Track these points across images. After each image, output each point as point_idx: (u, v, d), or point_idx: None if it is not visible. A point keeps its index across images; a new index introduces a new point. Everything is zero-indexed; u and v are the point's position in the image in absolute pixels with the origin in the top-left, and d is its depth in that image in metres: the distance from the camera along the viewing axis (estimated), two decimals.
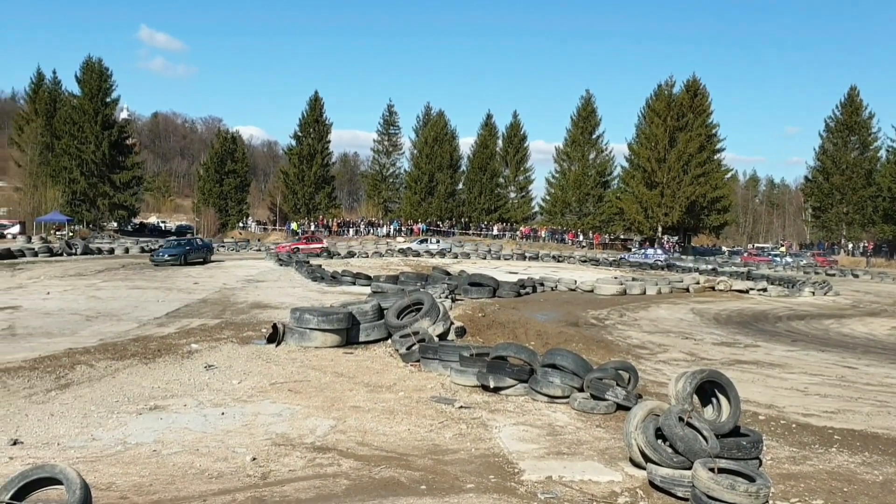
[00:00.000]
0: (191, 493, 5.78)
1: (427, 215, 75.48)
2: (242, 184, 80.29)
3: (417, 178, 78.15)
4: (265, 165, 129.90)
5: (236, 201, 78.58)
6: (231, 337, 13.58)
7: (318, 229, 71.03)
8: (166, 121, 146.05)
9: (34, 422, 7.74)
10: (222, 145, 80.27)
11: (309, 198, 77.62)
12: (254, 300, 20.63)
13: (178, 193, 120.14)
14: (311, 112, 78.83)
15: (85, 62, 70.22)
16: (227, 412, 8.33)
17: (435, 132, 78.61)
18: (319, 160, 78.35)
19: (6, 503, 4.48)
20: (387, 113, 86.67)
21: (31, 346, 12.33)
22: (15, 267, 31.55)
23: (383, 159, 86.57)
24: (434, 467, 6.64)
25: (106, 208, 70.47)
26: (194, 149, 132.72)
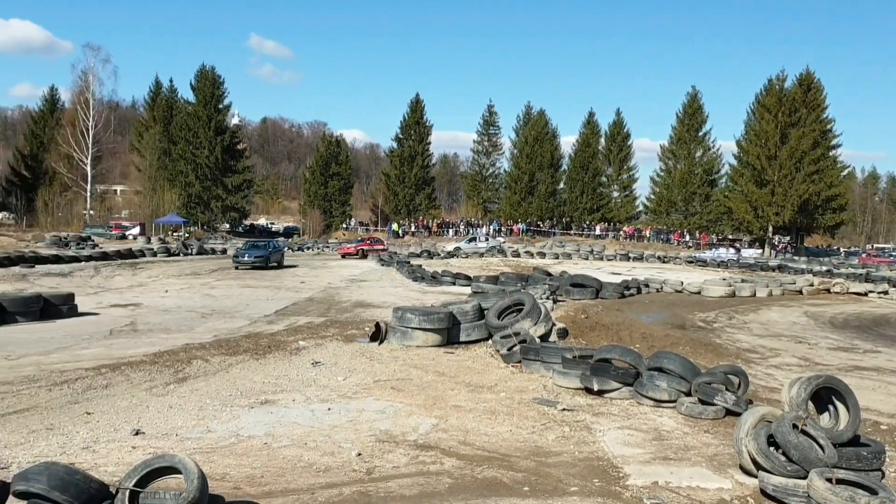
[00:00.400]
0: (300, 486, 5.96)
1: (527, 215, 75.09)
2: (346, 186, 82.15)
3: (517, 178, 77.86)
4: (367, 168, 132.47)
5: (340, 203, 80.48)
6: (336, 335, 13.93)
7: (418, 230, 71.90)
8: (274, 125, 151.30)
9: (154, 413, 8.17)
10: (327, 149, 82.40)
11: (409, 199, 78.63)
12: (357, 299, 21.09)
13: (286, 196, 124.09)
14: (412, 114, 79.86)
15: (199, 70, 73.67)
16: (333, 408, 8.54)
17: (535, 131, 78.11)
18: (420, 161, 79.25)
19: (130, 490, 4.75)
20: (487, 113, 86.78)
21: (151, 342, 13.03)
22: (136, 266, 33.42)
23: (483, 159, 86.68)
24: (537, 469, 6.60)
25: (219, 210, 73.64)
26: (300, 152, 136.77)
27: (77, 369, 10.39)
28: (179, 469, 4.84)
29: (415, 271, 29.72)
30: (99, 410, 8.20)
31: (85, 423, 7.68)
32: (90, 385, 9.46)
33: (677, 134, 73.61)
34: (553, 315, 14.79)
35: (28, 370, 10.36)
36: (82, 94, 70.00)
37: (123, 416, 7.97)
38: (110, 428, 7.53)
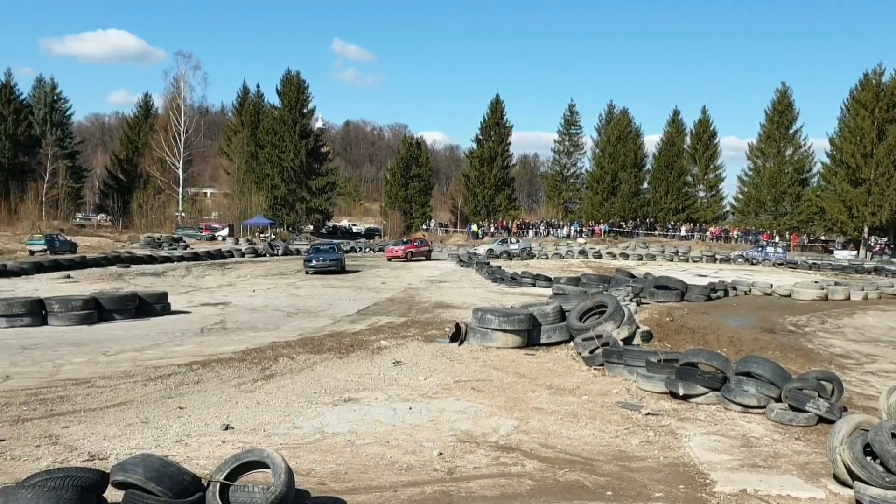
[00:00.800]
0: (382, 483, 6.04)
1: (609, 216, 74.01)
2: (426, 187, 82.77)
3: (599, 178, 76.85)
4: (447, 169, 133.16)
5: (420, 204, 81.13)
6: (416, 335, 14.05)
7: (497, 231, 71.79)
8: (356, 128, 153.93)
9: (243, 409, 8.42)
10: (407, 151, 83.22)
11: (489, 200, 78.62)
12: (437, 300, 21.22)
13: (367, 197, 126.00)
14: (492, 115, 79.84)
15: (284, 76, 75.62)
16: (415, 407, 8.61)
17: (618, 130, 76.94)
18: (500, 162, 79.14)
19: (221, 483, 4.90)
20: (568, 113, 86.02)
21: (239, 340, 13.45)
22: (225, 266, 34.56)
23: (564, 159, 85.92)
24: (620, 474, 6.49)
25: (303, 212, 75.40)
26: (382, 155, 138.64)
27: (170, 365, 10.81)
28: (268, 464, 4.97)
29: (494, 272, 29.70)
30: (191, 405, 8.51)
31: (178, 418, 7.98)
32: (183, 381, 9.83)
33: (766, 132, 71.18)
34: (637, 318, 14.51)
35: (124, 366, 10.85)
36: (174, 100, 72.96)
37: (214, 412, 8.25)
38: (201, 422, 7.80)
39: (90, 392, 9.12)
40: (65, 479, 4.79)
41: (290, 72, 75.62)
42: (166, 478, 4.75)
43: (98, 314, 15.59)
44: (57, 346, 12.60)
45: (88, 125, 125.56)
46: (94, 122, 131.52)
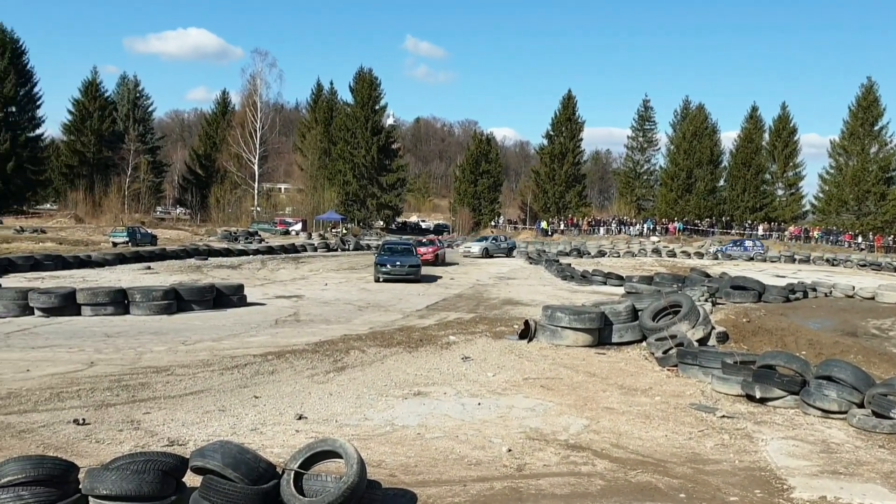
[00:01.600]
0: (452, 478, 6.05)
1: (684, 214, 72.42)
2: (495, 184, 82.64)
3: (674, 175, 75.28)
4: (517, 165, 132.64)
5: (489, 201, 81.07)
6: (485, 331, 14.04)
7: (567, 228, 71.12)
8: (427, 125, 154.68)
9: (316, 399, 8.58)
10: (477, 147, 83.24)
11: (559, 196, 77.98)
12: (505, 296, 21.16)
13: (436, 194, 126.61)
14: (564, 111, 79.13)
15: (357, 73, 76.74)
16: (483, 403, 8.61)
17: (694, 126, 75.20)
18: (571, 158, 78.40)
19: (295, 471, 5.00)
20: (642, 108, 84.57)
21: (312, 332, 13.69)
22: (298, 260, 35.24)
23: (637, 156, 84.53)
24: (694, 476, 6.35)
25: (374, 208, 76.32)
26: (451, 151, 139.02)
27: (246, 355, 11.09)
28: (341, 454, 5.04)
29: (564, 270, 29.43)
30: (266, 395, 8.72)
31: (253, 406, 8.18)
32: (258, 371, 10.07)
33: (850, 129, 68.47)
34: (712, 318, 14.16)
35: (202, 355, 11.18)
36: (251, 97, 74.67)
37: (288, 401, 8.42)
38: (276, 412, 7.98)
39: (170, 380, 9.43)
40: (147, 463, 4.97)
41: (363, 69, 76.76)
42: (243, 464, 4.87)
43: (177, 304, 16.09)
44: (139, 335, 13.07)
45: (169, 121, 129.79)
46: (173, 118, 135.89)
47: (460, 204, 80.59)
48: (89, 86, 76.08)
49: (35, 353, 11.30)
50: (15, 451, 6.24)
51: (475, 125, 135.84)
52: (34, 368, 10.01)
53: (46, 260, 26.68)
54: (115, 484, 4.84)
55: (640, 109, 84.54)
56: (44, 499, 4.79)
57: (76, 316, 15.10)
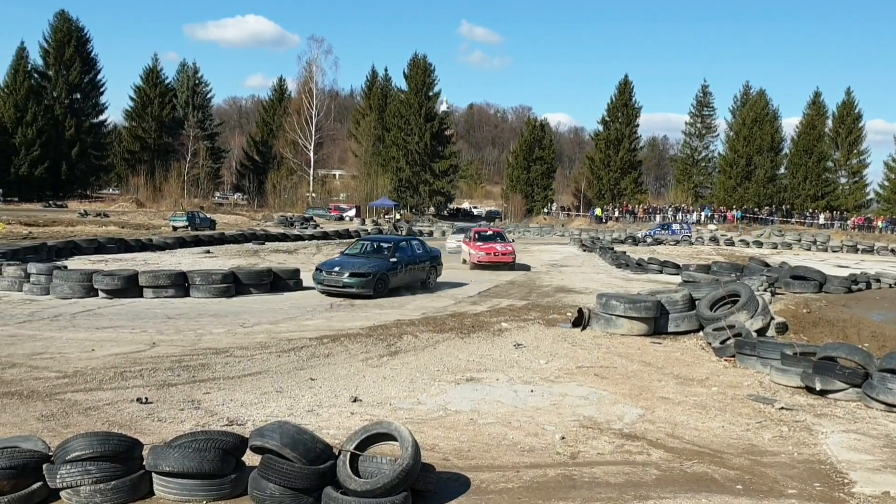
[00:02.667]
0: (504, 463, 6.07)
1: (742, 202, 70.88)
2: (548, 170, 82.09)
3: (733, 162, 73.68)
4: (571, 152, 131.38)
5: (542, 187, 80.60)
6: (538, 318, 13.98)
7: (621, 215, 70.26)
8: (480, 111, 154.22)
9: (370, 383, 8.67)
10: (531, 133, 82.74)
11: (614, 183, 77.09)
12: (558, 284, 21.03)
13: (488, 180, 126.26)
14: (620, 96, 78.06)
15: (411, 59, 76.90)
16: (536, 390, 8.59)
17: (754, 113, 73.41)
18: (626, 145, 77.37)
19: (352, 452, 5.07)
20: (700, 94, 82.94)
21: (366, 316, 13.84)
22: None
23: (695, 142, 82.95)
24: (751, 468, 6.24)
25: (426, 194, 76.59)
26: (504, 137, 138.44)
27: (302, 338, 11.27)
28: (395, 436, 5.09)
29: (618, 258, 29.10)
30: (321, 377, 8.85)
31: (309, 388, 8.31)
32: (314, 353, 10.23)
33: None
34: (771, 308, 13.84)
35: (260, 337, 11.40)
36: (307, 83, 75.51)
37: (343, 384, 8.54)
38: (331, 394, 8.10)
39: (229, 361, 9.65)
40: (208, 442, 5.11)
41: (417, 55, 76.90)
42: (301, 445, 4.96)
43: (236, 288, 16.42)
44: (198, 317, 13.39)
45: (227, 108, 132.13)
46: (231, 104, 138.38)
47: (513, 190, 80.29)
48: (150, 73, 77.92)
49: (99, 333, 11.67)
50: (81, 428, 6.47)
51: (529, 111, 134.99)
52: (99, 348, 10.34)
53: (109, 243, 27.48)
54: (178, 461, 4.99)
55: (699, 95, 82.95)
56: (109, 474, 4.97)
57: (138, 298, 15.53)
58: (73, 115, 72.47)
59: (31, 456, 5.04)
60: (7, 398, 7.63)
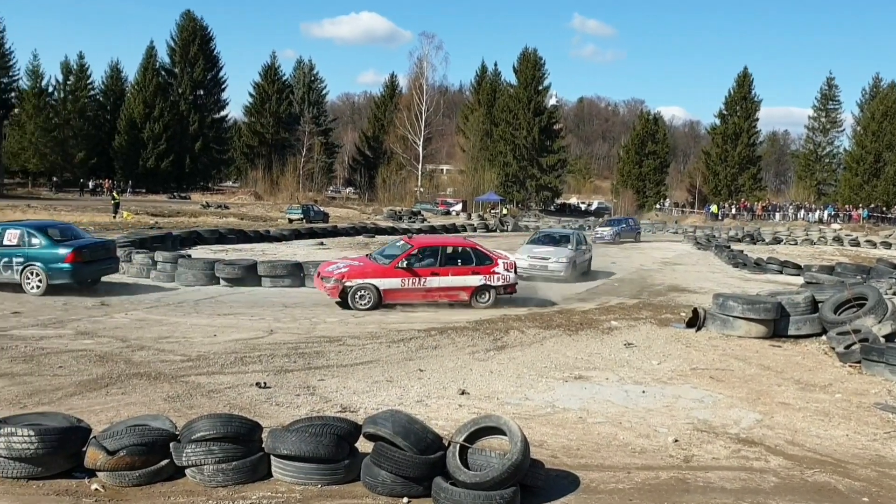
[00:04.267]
0: (615, 464, 5.97)
1: (870, 200, 66.74)
2: (661, 165, 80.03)
3: (860, 158, 69.48)
4: (685, 146, 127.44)
5: (654, 182, 78.65)
6: (649, 317, 13.66)
7: (739, 212, 67.63)
8: (590, 105, 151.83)
9: (477, 376, 8.73)
10: (643, 127, 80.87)
11: (731, 179, 74.29)
12: (671, 283, 20.47)
13: (598, 175, 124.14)
14: (739, 89, 75.09)
15: (521, 53, 76.52)
16: (648, 391, 8.40)
17: (884, 106, 68.89)
18: (745, 139, 74.38)
19: (461, 444, 5.12)
20: (825, 87, 78.54)
21: (472, 310, 13.91)
22: None
23: (819, 137, 78.75)
24: (878, 480, 5.89)
25: (533, 189, 76.13)
26: (615, 131, 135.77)
27: (410, 330, 11.47)
28: (504, 431, 5.10)
29: (735, 256, 28.00)
30: (429, 368, 8.98)
31: (418, 379, 8.45)
32: (422, 345, 10.39)
33: None
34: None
35: (371, 328, 11.68)
36: (417, 79, 76.47)
37: (450, 376, 8.63)
38: (439, 385, 8.20)
39: (341, 349, 9.94)
40: (323, 427, 5.28)
41: (528, 49, 76.42)
42: (412, 434, 5.06)
43: None
44: (313, 307, 13.84)
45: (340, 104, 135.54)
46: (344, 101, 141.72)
47: (623, 186, 78.69)
48: (268, 70, 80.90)
49: (221, 319, 12.26)
50: (205, 410, 6.82)
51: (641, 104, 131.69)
52: (220, 334, 10.87)
53: (230, 234, 28.81)
54: (295, 445, 5.18)
55: (824, 88, 78.60)
56: (231, 454, 5.22)
57: (257, 287, 16.20)
58: (197, 111, 76.12)
59: (160, 434, 5.35)
60: (136, 379, 8.14)
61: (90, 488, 5.08)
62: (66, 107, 69.42)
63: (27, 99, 66.60)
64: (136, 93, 73.18)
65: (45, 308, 12.90)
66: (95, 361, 8.87)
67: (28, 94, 66.96)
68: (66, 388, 7.70)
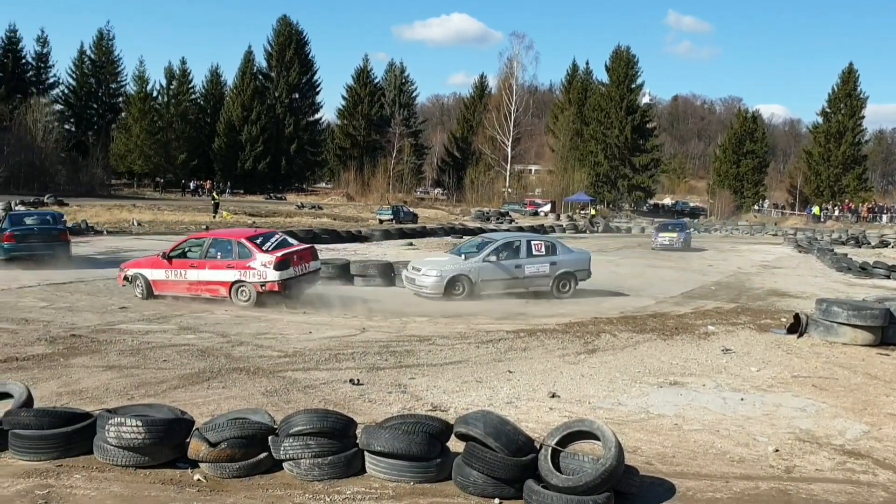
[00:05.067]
0: (712, 472, 5.80)
1: None
2: (760, 165, 77.31)
3: None
4: (785, 145, 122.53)
5: (752, 183, 76.04)
6: (748, 323, 13.21)
7: (842, 214, 64.57)
8: (685, 103, 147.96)
9: (567, 379, 8.63)
10: (741, 125, 78.33)
11: (834, 179, 71.03)
12: (770, 287, 19.74)
13: (693, 175, 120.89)
14: (843, 86, 71.71)
15: (614, 51, 75.44)
16: (747, 398, 8.12)
17: None
18: (849, 138, 70.95)
19: (553, 447, 5.08)
20: None
21: (561, 312, 13.81)
22: None
23: None
24: None
25: (624, 189, 74.82)
26: (711, 130, 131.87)
27: (499, 331, 11.46)
28: (598, 435, 5.03)
29: (839, 260, 26.74)
30: (519, 370, 8.94)
31: (507, 381, 8.43)
32: (511, 346, 10.36)
33: None
34: None
35: (459, 328, 11.73)
36: (507, 80, 76.35)
37: (540, 378, 8.57)
38: (529, 388, 8.16)
39: (431, 349, 10.02)
40: (416, 425, 5.34)
41: (620, 47, 75.23)
42: (503, 435, 5.05)
43: None
44: (403, 306, 14.02)
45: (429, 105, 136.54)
46: (434, 102, 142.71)
47: (719, 186, 76.35)
48: (361, 73, 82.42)
49: (315, 317, 12.59)
50: (301, 404, 7.00)
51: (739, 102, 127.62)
52: (315, 331, 11.15)
53: (323, 234, 29.56)
54: (388, 442, 5.25)
55: None
56: (327, 449, 5.34)
57: (349, 285, 16.54)
58: (292, 114, 78.31)
59: (259, 428, 5.52)
60: (236, 373, 8.44)
61: (193, 478, 5.29)
62: (169, 110, 72.63)
63: (133, 103, 70.00)
64: (234, 96, 75.88)
65: (149, 304, 13.54)
66: (197, 356, 9.25)
67: (134, 99, 70.38)
68: (170, 380, 8.05)
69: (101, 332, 10.63)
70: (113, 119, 74.75)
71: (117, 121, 73.70)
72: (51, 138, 62.45)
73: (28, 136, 59.33)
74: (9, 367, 8.46)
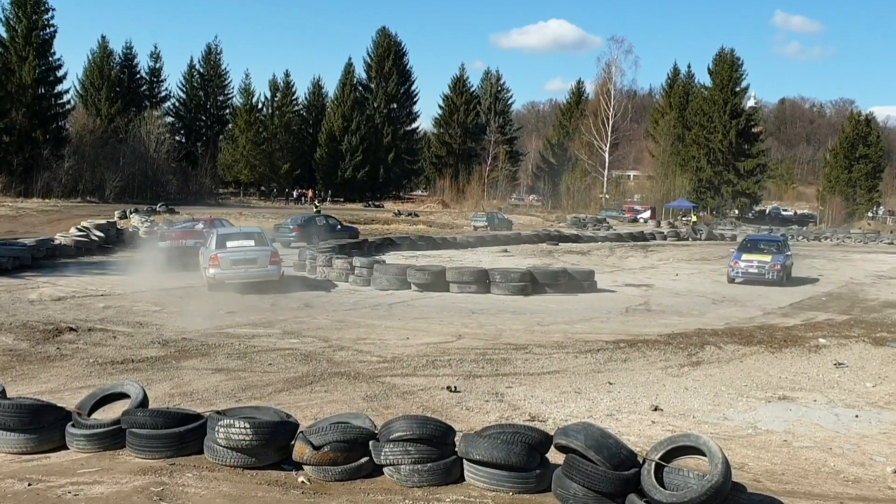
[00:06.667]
0: (825, 492, 5.53)
1: None
2: (874, 170, 73.17)
3: None
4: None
5: (866, 189, 72.05)
6: (862, 336, 12.54)
7: None
8: (793, 106, 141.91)
9: (670, 392, 8.41)
10: (854, 129, 74.39)
11: None
12: (886, 298, 18.67)
13: (801, 180, 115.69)
14: None
15: (717, 54, 73.08)
16: (862, 415, 7.71)
17: None
18: None
19: (657, 462, 4.95)
20: None
21: (664, 323, 13.45)
22: (646, 248, 34.86)
23: None
24: None
25: (729, 195, 72.33)
26: (821, 134, 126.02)
27: (598, 341, 11.28)
28: (704, 451, 4.87)
29: None
30: (619, 382, 8.78)
31: (607, 392, 8.28)
32: (610, 357, 10.18)
33: None
34: None
35: (556, 336, 11.62)
36: (605, 85, 75.19)
37: (642, 391, 8.39)
38: (630, 400, 7.99)
39: (528, 357, 9.97)
40: (515, 435, 5.31)
41: (724, 49, 72.80)
42: (605, 448, 4.96)
43: (532, 286, 16.91)
44: (498, 313, 14.00)
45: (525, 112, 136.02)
46: (529, 109, 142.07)
47: (830, 192, 72.74)
48: (457, 82, 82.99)
49: (412, 323, 12.73)
50: (400, 410, 7.10)
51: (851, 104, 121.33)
52: (412, 337, 11.28)
53: (419, 240, 29.90)
54: (487, 451, 5.25)
55: None
56: (426, 456, 5.38)
57: (444, 292, 16.65)
58: (390, 124, 79.58)
59: (361, 432, 5.62)
60: (337, 378, 8.63)
61: (297, 480, 5.44)
62: (273, 122, 75.08)
63: (240, 115, 72.74)
64: (335, 107, 77.76)
65: (255, 308, 14.03)
66: (301, 360, 9.52)
67: (240, 111, 73.14)
68: (275, 384, 8.32)
69: (209, 335, 11.09)
70: (220, 130, 77.88)
71: (224, 132, 76.73)
72: (162, 149, 65.50)
73: (142, 148, 62.46)
74: (125, 368, 8.94)
